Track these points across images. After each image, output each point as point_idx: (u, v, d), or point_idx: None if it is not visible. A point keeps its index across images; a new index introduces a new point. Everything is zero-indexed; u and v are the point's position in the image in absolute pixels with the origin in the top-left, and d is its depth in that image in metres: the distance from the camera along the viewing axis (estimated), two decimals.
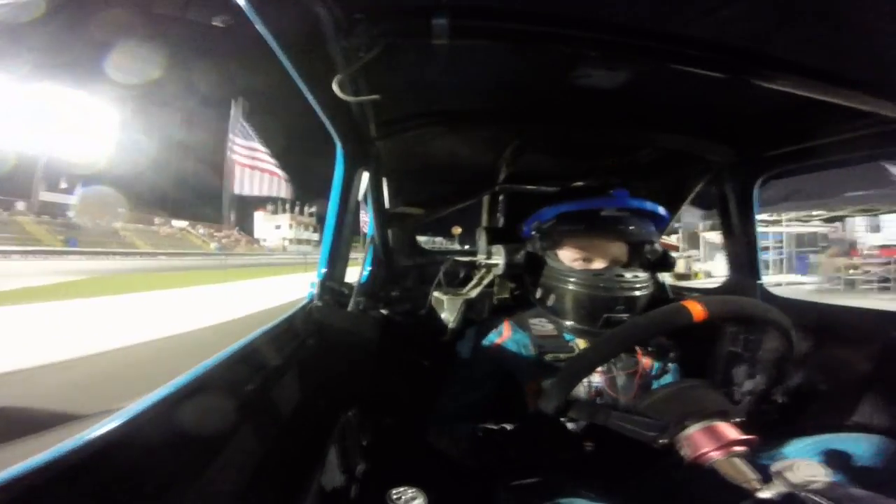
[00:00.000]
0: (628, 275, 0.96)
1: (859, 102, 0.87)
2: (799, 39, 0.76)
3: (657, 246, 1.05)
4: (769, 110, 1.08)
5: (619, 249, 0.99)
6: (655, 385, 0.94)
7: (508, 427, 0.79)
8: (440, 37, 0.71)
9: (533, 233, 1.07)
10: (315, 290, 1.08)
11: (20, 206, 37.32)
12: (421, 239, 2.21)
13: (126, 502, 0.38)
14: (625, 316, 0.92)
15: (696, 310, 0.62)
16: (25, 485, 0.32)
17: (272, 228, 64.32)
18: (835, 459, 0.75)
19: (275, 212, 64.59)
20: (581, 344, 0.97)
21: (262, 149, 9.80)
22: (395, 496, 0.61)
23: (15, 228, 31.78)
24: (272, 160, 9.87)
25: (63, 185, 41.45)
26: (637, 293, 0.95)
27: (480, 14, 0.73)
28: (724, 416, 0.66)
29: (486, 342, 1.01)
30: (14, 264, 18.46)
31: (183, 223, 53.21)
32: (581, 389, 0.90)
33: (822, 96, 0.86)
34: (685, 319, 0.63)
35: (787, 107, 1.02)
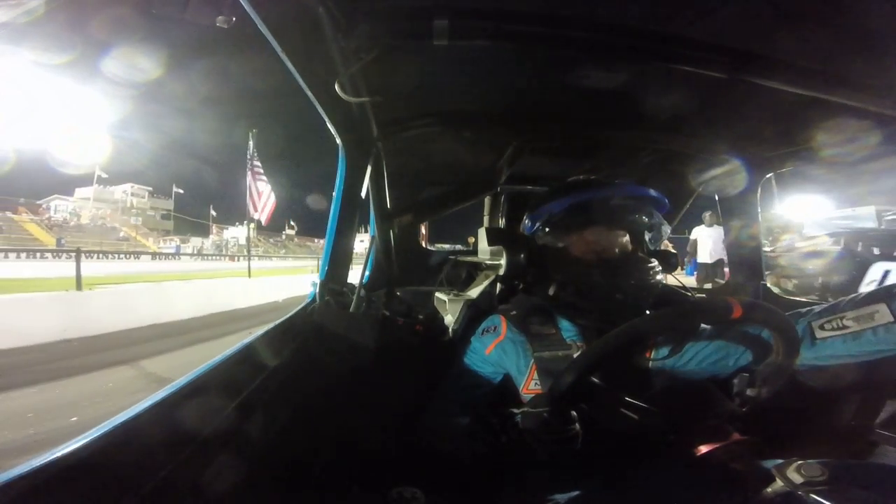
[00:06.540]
0: (645, 261, 0.95)
1: (859, 102, 0.87)
2: (799, 39, 0.75)
3: (659, 242, 1.05)
4: (770, 110, 1.08)
5: (626, 240, 0.99)
6: (659, 381, 0.93)
7: (505, 411, 0.78)
8: (441, 38, 0.71)
9: (540, 226, 1.05)
10: (316, 291, 1.08)
11: (283, 235, 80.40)
12: (443, 247, 2.21)
13: (126, 502, 0.39)
14: (641, 303, 0.90)
15: (736, 307, 0.63)
16: (25, 485, 0.32)
17: (357, 242, 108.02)
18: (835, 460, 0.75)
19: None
20: (589, 340, 0.94)
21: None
22: (395, 496, 0.62)
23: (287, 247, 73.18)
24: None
25: (292, 224, 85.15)
26: (659, 277, 0.94)
27: (481, 15, 0.73)
28: (727, 416, 0.66)
29: (483, 343, 1.00)
30: (292, 262, 41.32)
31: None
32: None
33: (823, 96, 0.86)
34: (726, 314, 0.63)
35: (788, 107, 1.02)
